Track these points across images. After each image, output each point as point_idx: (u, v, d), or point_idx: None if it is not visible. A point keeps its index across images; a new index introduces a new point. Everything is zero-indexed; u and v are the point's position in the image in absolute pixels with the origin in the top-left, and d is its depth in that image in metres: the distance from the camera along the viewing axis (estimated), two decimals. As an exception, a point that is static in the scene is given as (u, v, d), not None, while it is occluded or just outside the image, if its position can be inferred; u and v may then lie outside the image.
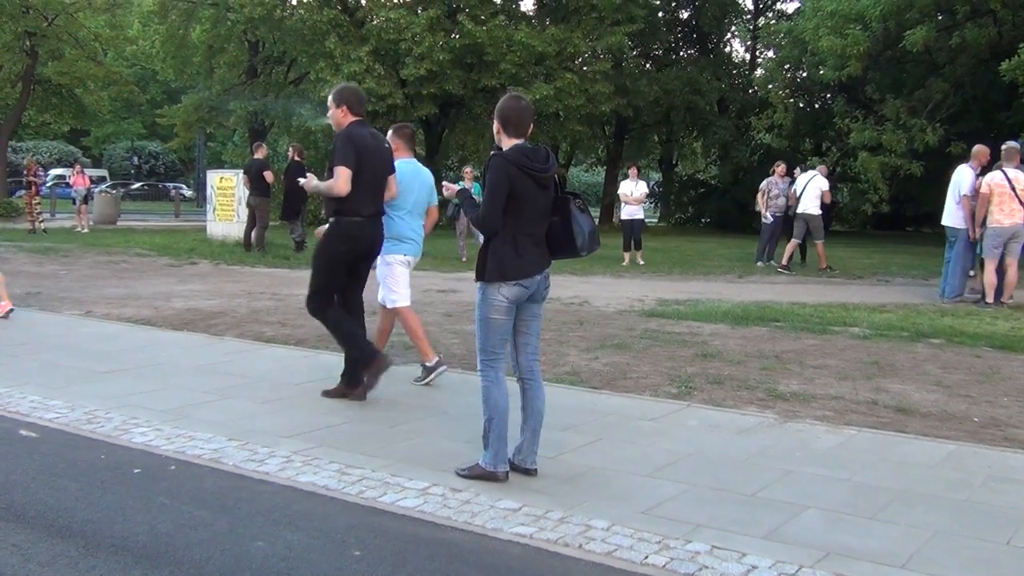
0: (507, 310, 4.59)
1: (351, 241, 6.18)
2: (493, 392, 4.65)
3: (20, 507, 4.21)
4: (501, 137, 4.66)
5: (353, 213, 6.10)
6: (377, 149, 6.21)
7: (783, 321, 9.94)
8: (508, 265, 4.52)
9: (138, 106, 47.36)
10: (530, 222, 4.57)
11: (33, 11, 30.28)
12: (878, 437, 5.51)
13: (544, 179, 4.57)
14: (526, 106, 4.70)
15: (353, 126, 6.10)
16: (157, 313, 9.98)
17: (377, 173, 6.19)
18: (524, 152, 4.54)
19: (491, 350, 4.66)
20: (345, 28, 27.63)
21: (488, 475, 4.60)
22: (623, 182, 18.25)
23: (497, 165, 4.50)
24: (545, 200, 4.62)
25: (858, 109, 24.91)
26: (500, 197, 4.46)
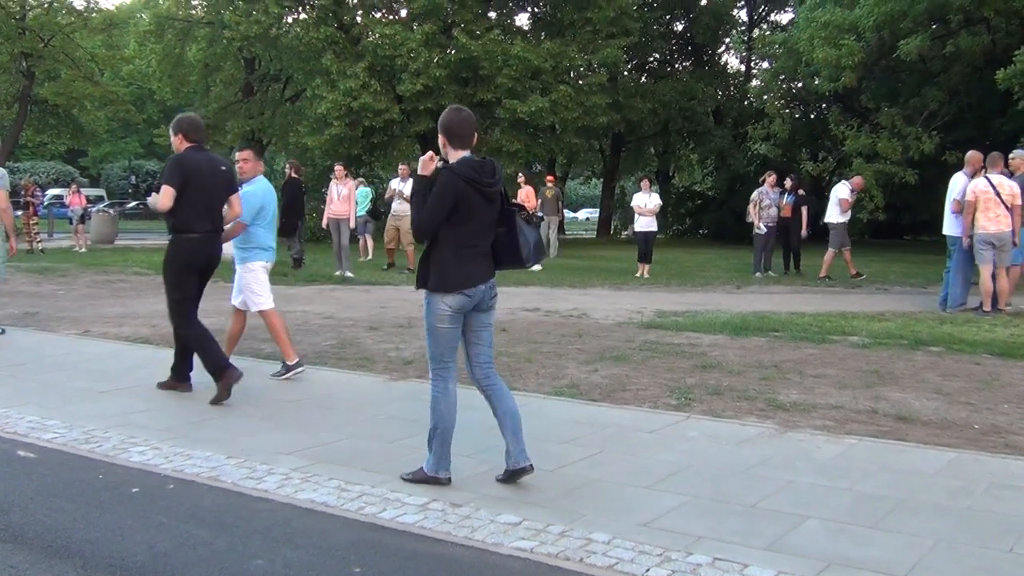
0: (452, 319, 4.68)
1: (188, 255, 6.77)
2: (440, 403, 4.79)
3: (18, 528, 4.19)
4: (447, 150, 4.76)
5: (187, 230, 6.69)
6: (211, 172, 6.79)
7: (782, 331, 9.93)
8: (449, 275, 4.62)
9: (135, 125, 47.38)
10: (476, 234, 4.66)
11: (29, 32, 30.40)
12: (878, 446, 5.49)
13: (491, 193, 4.67)
14: (468, 117, 4.82)
15: (187, 151, 6.76)
16: (155, 332, 9.96)
17: (211, 193, 6.77)
18: (472, 166, 4.64)
19: (440, 359, 4.79)
20: (341, 45, 27.71)
21: (431, 479, 4.74)
22: (636, 194, 18.24)
23: (446, 179, 4.59)
24: (491, 213, 4.71)
25: (853, 118, 24.97)
26: (442, 208, 4.55)
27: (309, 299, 13.27)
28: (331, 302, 12.75)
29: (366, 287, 14.81)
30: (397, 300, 12.76)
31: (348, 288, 14.88)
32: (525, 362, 8.16)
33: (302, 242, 18.29)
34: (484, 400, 4.92)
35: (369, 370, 7.90)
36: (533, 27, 32.71)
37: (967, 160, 12.10)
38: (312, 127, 28.39)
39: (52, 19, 31.44)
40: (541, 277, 16.76)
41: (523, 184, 19.25)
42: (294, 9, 29.78)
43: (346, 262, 16.83)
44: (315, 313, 11.58)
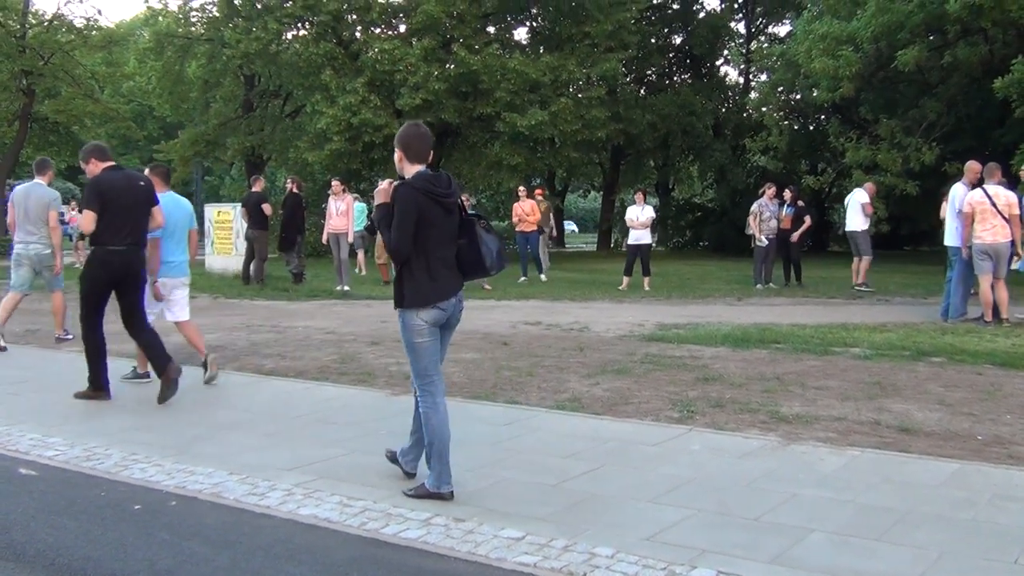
0: (430, 332, 4.78)
1: (105, 266, 7.22)
2: (432, 418, 4.81)
3: (20, 546, 4.18)
4: (403, 164, 4.86)
5: (106, 243, 7.13)
6: (128, 188, 7.23)
7: (784, 343, 9.92)
8: (425, 290, 4.73)
9: (136, 142, 47.46)
10: (439, 246, 4.77)
11: (29, 50, 30.48)
12: (881, 457, 5.48)
13: (449, 204, 4.79)
14: (425, 133, 4.95)
15: (103, 173, 7.22)
16: (156, 348, 9.94)
17: (130, 208, 7.21)
18: (428, 179, 4.76)
19: (425, 373, 4.84)
20: (340, 61, 27.78)
21: (434, 495, 4.76)
22: (629, 207, 18.24)
23: (404, 195, 4.68)
24: (451, 224, 4.83)
25: (852, 130, 24.98)
26: (409, 224, 4.64)
27: (311, 314, 13.28)
28: (332, 317, 12.75)
29: (368, 302, 14.82)
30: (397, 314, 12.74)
31: (349, 303, 14.89)
32: (527, 376, 8.15)
33: (302, 257, 18.30)
34: (485, 413, 4.92)
35: (370, 385, 7.89)
36: (532, 41, 32.78)
37: (966, 170, 12.11)
38: (312, 142, 28.45)
39: (52, 37, 31.53)
40: (542, 290, 16.77)
41: (523, 197, 19.27)
42: (293, 26, 29.85)
43: (346, 276, 16.87)
44: (317, 328, 11.58)
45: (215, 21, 31.99)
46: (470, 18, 27.87)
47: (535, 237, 19.02)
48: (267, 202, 17.67)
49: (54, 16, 32.60)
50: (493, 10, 29.62)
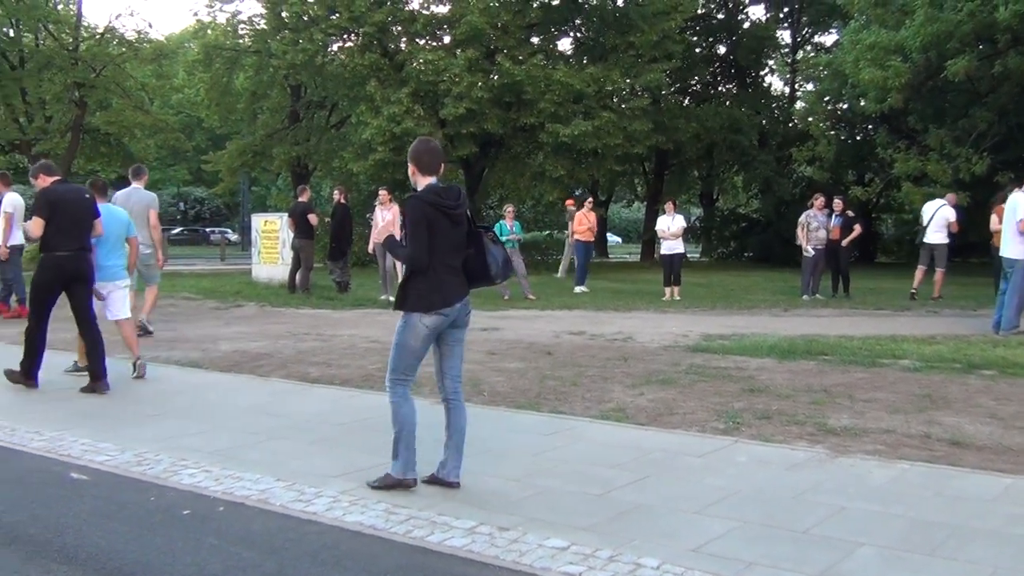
0: (426, 338, 5.00)
1: (54, 270, 7.97)
2: (402, 408, 5.04)
3: (72, 549, 4.25)
4: (416, 177, 5.14)
5: (53, 249, 7.92)
6: (74, 200, 8.08)
7: (831, 354, 9.81)
8: (428, 296, 4.94)
9: (184, 153, 48.11)
10: (446, 255, 4.98)
11: (82, 63, 31.00)
12: (932, 471, 5.40)
13: (456, 215, 5.01)
14: (436, 147, 5.23)
15: (52, 185, 8.07)
16: (204, 355, 10.08)
17: (76, 218, 8.01)
18: (437, 192, 5.01)
19: (401, 371, 5.06)
20: (385, 72, 27.98)
21: (398, 483, 5.01)
22: (660, 217, 18.20)
23: (413, 206, 4.95)
24: (458, 234, 5.04)
25: (901, 140, 24.71)
26: (422, 234, 4.89)
27: (355, 323, 13.37)
28: (377, 326, 12.82)
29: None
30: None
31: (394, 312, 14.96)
32: (571, 386, 8.14)
33: (347, 266, 18.43)
34: (529, 422, 4.92)
35: (415, 394, 7.87)
36: (576, 52, 32.78)
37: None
38: (357, 153, 28.65)
39: (104, 50, 32.04)
40: (586, 300, 16.74)
41: (588, 208, 19.29)
42: (339, 37, 30.13)
43: (391, 286, 16.89)
44: (361, 336, 11.65)
45: (262, 33, 32.35)
46: (514, 29, 27.95)
47: (591, 248, 19.06)
48: (313, 212, 17.82)
49: (106, 29, 33.13)
50: (537, 21, 29.69)
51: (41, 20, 30.76)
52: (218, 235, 54.11)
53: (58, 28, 31.83)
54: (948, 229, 16.49)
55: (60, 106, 30.58)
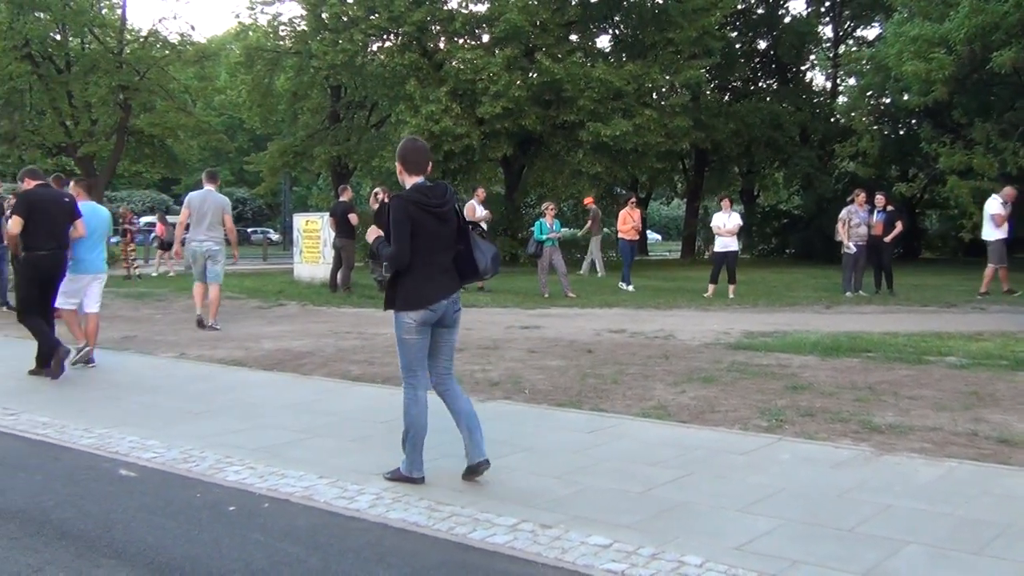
0: (418, 330, 5.08)
1: (35, 269, 8.78)
2: (412, 408, 5.17)
3: (121, 545, 4.31)
4: (403, 176, 5.22)
5: (35, 249, 8.70)
6: (53, 202, 8.85)
7: (875, 351, 9.70)
8: (412, 295, 5.05)
9: (226, 154, 48.64)
10: (434, 252, 5.07)
11: (126, 65, 31.43)
12: (980, 469, 5.32)
13: (442, 213, 5.09)
14: (422, 147, 5.30)
15: (34, 188, 8.80)
16: (248, 354, 10.19)
17: (55, 219, 8.78)
18: (421, 190, 5.08)
19: (410, 368, 5.17)
20: (424, 71, 28.09)
21: (405, 478, 5.16)
22: (715, 214, 18.09)
23: (396, 206, 5.03)
24: (446, 232, 5.13)
25: (945, 134, 24.35)
26: (404, 234, 4.97)
27: (396, 322, 13.41)
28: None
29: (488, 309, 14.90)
30: (482, 322, 12.83)
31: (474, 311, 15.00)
32: (612, 383, 8.12)
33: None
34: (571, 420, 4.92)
35: (489, 397, 7.93)
36: (615, 49, 32.69)
37: None
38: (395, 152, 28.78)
39: (148, 53, 32.45)
40: (626, 298, 16.69)
41: (633, 206, 19.25)
42: (379, 37, 30.29)
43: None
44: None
45: (303, 34, 32.59)
46: (552, 27, 27.93)
47: (635, 246, 19.04)
48: (354, 211, 17.93)
49: (150, 32, 33.56)
50: (576, 18, 29.64)
51: (87, 24, 31.24)
52: (259, 235, 54.60)
53: (103, 32, 32.30)
54: (994, 223, 16.19)
55: (105, 109, 31.02)
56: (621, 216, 19.61)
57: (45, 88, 30.35)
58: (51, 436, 6.49)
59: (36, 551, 4.23)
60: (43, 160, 33.17)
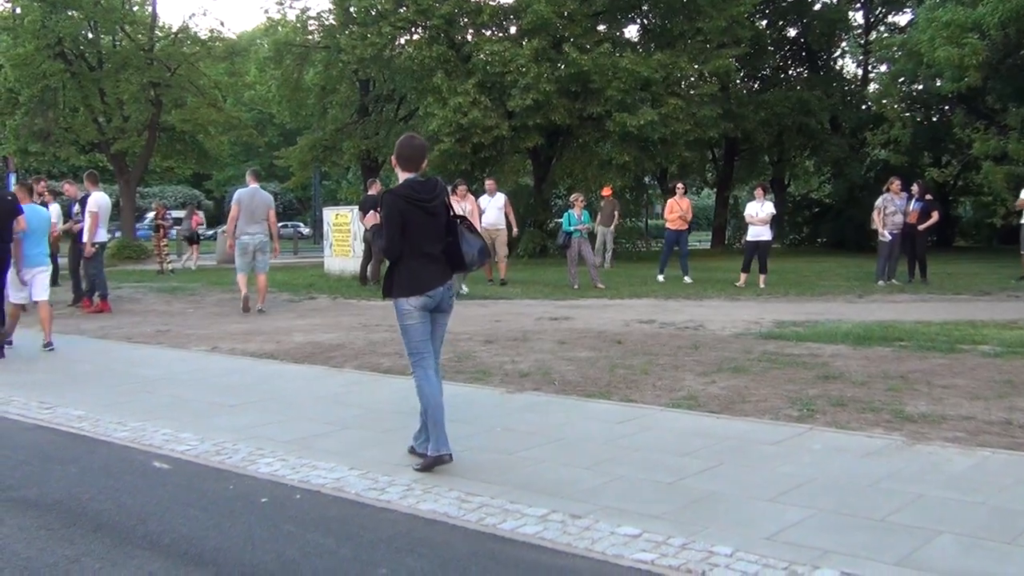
0: (419, 315, 5.34)
1: None
2: (425, 388, 5.34)
3: (156, 536, 4.37)
4: (397, 171, 5.45)
5: None
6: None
7: (908, 340, 9.61)
8: (407, 283, 5.32)
9: (256, 148, 48.95)
10: (425, 243, 5.33)
11: (157, 62, 31.69)
12: (1014, 459, 5.26)
13: (431, 207, 5.34)
14: (419, 144, 5.52)
15: None
16: (279, 347, 10.27)
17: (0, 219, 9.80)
18: (411, 186, 5.33)
19: (415, 350, 5.40)
20: (452, 63, 28.11)
21: (436, 460, 5.24)
22: (748, 203, 17.96)
23: (387, 201, 5.33)
24: (435, 225, 5.37)
25: (979, 120, 24.06)
26: (395, 227, 5.26)
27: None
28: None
29: (482, 301, 14.95)
30: (511, 314, 12.84)
31: (464, 303, 15.04)
32: (641, 374, 8.11)
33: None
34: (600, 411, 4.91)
35: (486, 383, 7.96)
36: (643, 38, 32.55)
37: None
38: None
39: (178, 49, 32.68)
40: (656, 288, 16.65)
41: (680, 194, 19.16)
42: (407, 30, 30.33)
43: (462, 277, 16.80)
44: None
45: (331, 29, 32.72)
46: (580, 17, 27.85)
47: (685, 236, 18.93)
48: (382, 205, 17.94)
49: (180, 29, 33.80)
50: (603, 8, 29.52)
51: (118, 22, 31.50)
52: (288, 229, 54.88)
53: (134, 29, 32.56)
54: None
55: (137, 105, 31.28)
56: (668, 205, 19.31)
57: (78, 86, 30.65)
58: (86, 429, 6.58)
59: (72, 542, 4.30)
60: (77, 157, 33.58)
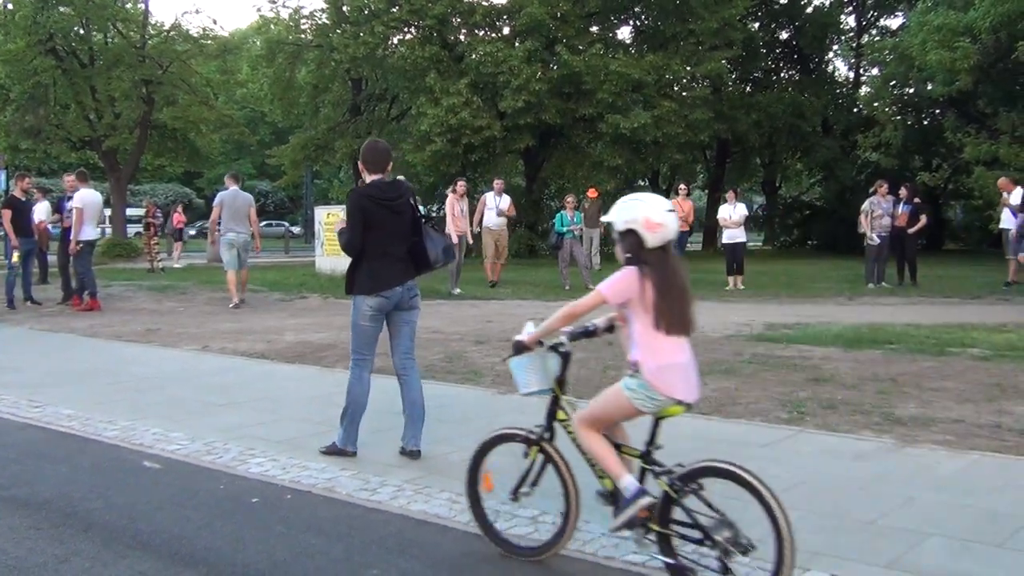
0: (372, 318, 5.53)
1: None
2: (355, 387, 5.64)
3: (146, 536, 4.36)
4: (365, 174, 5.64)
5: None
6: None
7: (897, 343, 9.65)
8: (367, 282, 5.48)
9: (248, 147, 48.79)
10: (389, 243, 5.50)
11: (149, 60, 31.57)
12: (1003, 462, 5.29)
13: (396, 207, 5.55)
14: (383, 148, 5.74)
15: None
16: (270, 347, 10.25)
17: None
18: (376, 186, 5.55)
19: (359, 351, 5.65)
20: (445, 63, 28.12)
21: (340, 452, 5.59)
22: (722, 206, 18.04)
23: (352, 200, 5.56)
24: (400, 224, 5.56)
25: (970, 124, 24.14)
26: (357, 225, 5.45)
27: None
28: (438, 316, 12.90)
29: (473, 302, 14.95)
30: (503, 315, 12.84)
31: (455, 303, 15.04)
32: (632, 376, 8.10)
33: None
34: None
35: (477, 384, 7.97)
36: (635, 40, 32.59)
37: None
38: (416, 144, 28.82)
39: (170, 47, 32.55)
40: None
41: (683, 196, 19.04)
42: (400, 30, 30.32)
43: (458, 279, 16.61)
44: (423, 327, 11.63)
45: (324, 27, 32.68)
46: (573, 18, 27.89)
47: (686, 238, 18.95)
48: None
49: (172, 26, 33.70)
50: (596, 10, 29.55)
51: (110, 19, 31.39)
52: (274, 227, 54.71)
53: (126, 26, 32.43)
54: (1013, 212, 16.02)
55: (129, 103, 31.13)
56: None
57: (69, 83, 30.52)
58: (76, 428, 6.56)
59: (62, 542, 4.29)
60: (68, 154, 33.43)
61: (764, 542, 3.34)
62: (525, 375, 4.18)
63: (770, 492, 3.30)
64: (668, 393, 3.70)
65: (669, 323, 3.69)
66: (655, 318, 3.67)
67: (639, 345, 3.76)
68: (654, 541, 3.60)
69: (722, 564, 3.41)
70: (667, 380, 3.70)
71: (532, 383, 4.19)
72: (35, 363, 9.40)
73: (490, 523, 4.18)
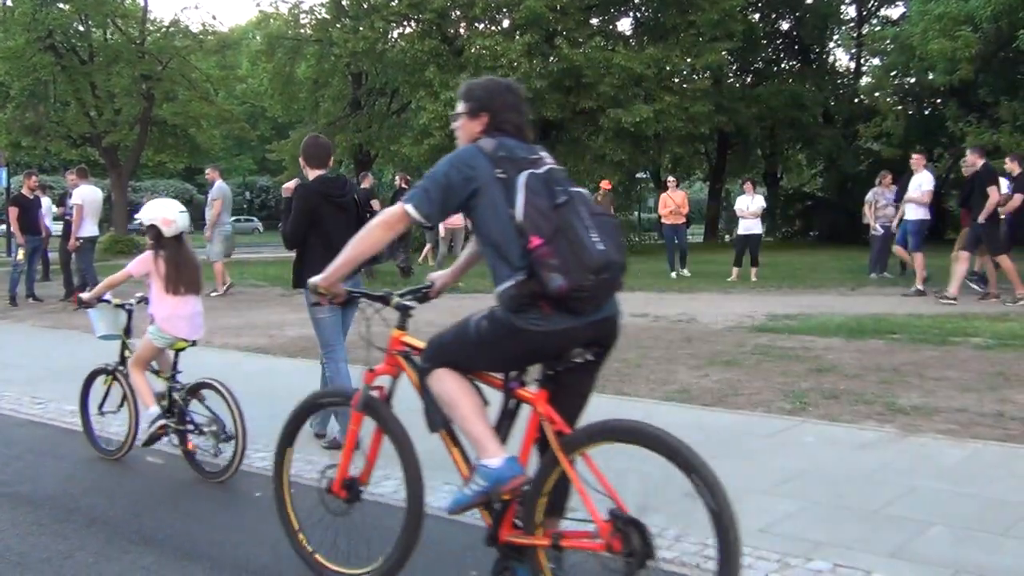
0: (328, 309, 5.59)
1: None
2: (336, 380, 5.77)
3: (149, 531, 4.37)
4: (306, 170, 5.87)
5: None
6: None
7: (900, 333, 9.65)
8: (311, 275, 5.23)
9: (249, 142, 48.79)
10: (335, 237, 5.34)
11: (148, 56, 31.55)
12: (1006, 450, 5.29)
13: (342, 202, 5.79)
14: (324, 143, 5.97)
15: None
16: (272, 341, 10.25)
17: None
18: (323, 181, 5.79)
19: (327, 343, 5.81)
20: (444, 57, 28.07)
21: (335, 444, 5.71)
22: (739, 197, 18.00)
23: (300, 193, 5.74)
24: (346, 219, 5.70)
25: (971, 113, 24.09)
26: (301, 218, 5.68)
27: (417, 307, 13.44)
28: (437, 310, 12.77)
29: (474, 295, 14.91)
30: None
31: (456, 296, 15.00)
32: (635, 367, 8.12)
33: (408, 251, 18.52)
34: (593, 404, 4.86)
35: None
36: (636, 33, 32.52)
37: None
38: (415, 139, 28.78)
39: (170, 43, 32.55)
40: (648, 282, 16.63)
41: (673, 188, 18.98)
42: (399, 24, 30.28)
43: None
44: (424, 320, 11.65)
45: (323, 22, 32.65)
46: (573, 11, 27.82)
47: (683, 230, 18.87)
48: (376, 198, 17.95)
49: (171, 22, 33.73)
50: (596, 2, 29.48)
51: (109, 15, 31.37)
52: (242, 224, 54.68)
53: (125, 22, 32.42)
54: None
55: (128, 99, 31.12)
56: (662, 200, 19.19)
57: (69, 79, 30.51)
58: (79, 424, 6.54)
59: (66, 537, 4.29)
60: (68, 151, 33.43)
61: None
62: (97, 323, 5.78)
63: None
64: (174, 333, 5.46)
65: (175, 287, 5.40)
66: (165, 284, 5.37)
67: (154, 303, 5.43)
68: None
69: (216, 446, 5.26)
70: (173, 325, 5.42)
71: (102, 329, 5.77)
72: (37, 360, 9.40)
73: None
